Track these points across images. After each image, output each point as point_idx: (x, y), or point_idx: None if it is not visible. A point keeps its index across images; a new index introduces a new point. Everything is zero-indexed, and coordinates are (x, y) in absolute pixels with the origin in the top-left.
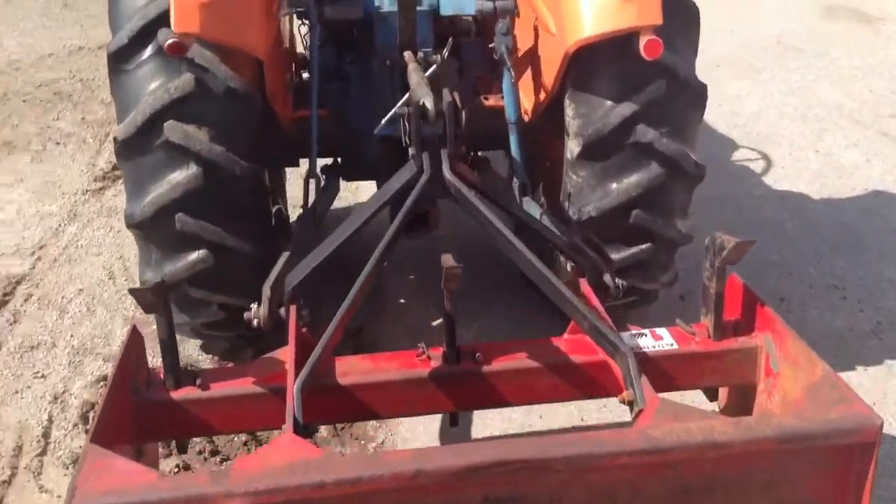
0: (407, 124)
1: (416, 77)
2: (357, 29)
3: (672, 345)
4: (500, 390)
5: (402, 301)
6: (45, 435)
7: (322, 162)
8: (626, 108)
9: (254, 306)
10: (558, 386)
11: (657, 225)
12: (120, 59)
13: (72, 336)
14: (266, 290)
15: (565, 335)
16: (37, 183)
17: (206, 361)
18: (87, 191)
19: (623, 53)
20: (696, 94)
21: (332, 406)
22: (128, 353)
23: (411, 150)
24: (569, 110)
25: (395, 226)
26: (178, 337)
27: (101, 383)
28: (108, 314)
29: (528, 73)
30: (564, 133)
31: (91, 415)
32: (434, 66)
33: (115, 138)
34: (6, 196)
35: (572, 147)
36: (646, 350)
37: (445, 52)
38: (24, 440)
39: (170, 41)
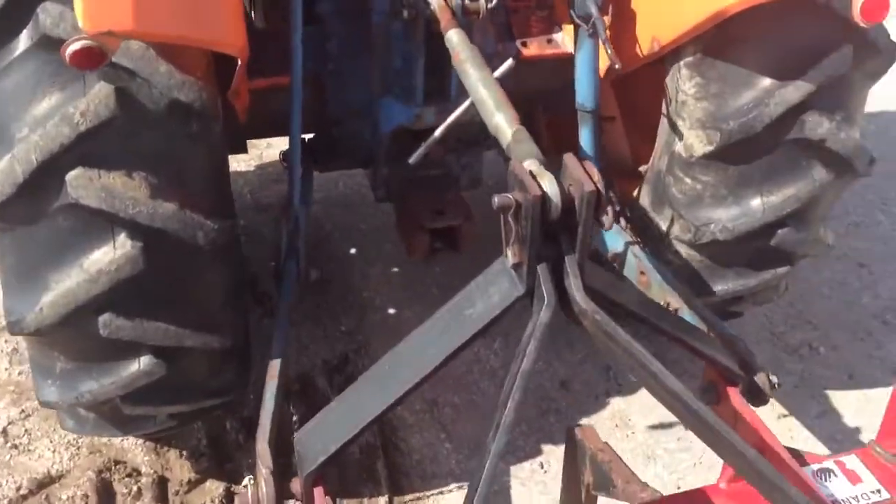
0: (511, 221)
1: (499, 120)
2: None
3: (878, 491)
4: None
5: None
6: None
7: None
8: (794, 92)
9: (247, 484)
10: None
11: (804, 244)
12: None
13: None
14: (263, 453)
15: (721, 484)
16: None
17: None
18: None
19: (794, 8)
20: (884, 59)
21: None
22: None
23: (511, 256)
24: (688, 85)
25: (514, 403)
26: None
27: None
28: None
29: (617, 22)
30: (670, 114)
31: None
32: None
33: None
34: None
35: (692, 141)
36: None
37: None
38: None
39: (78, 46)
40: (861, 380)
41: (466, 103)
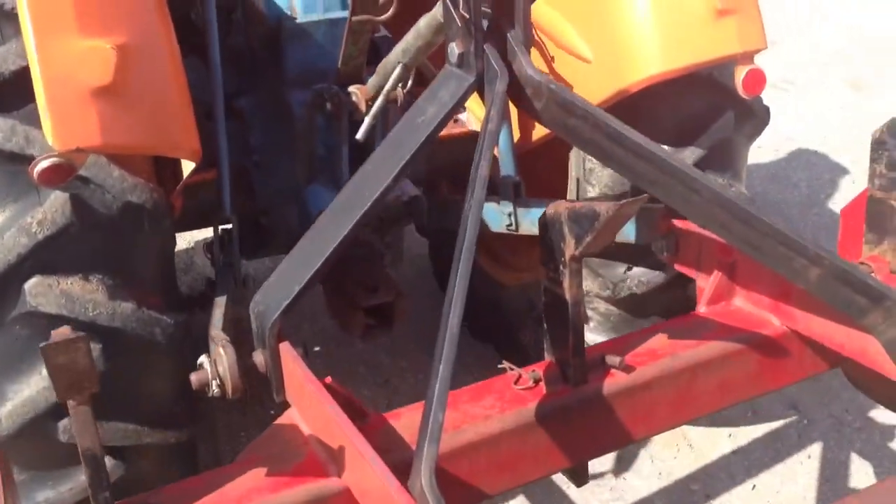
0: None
1: None
2: (256, 47)
3: None
4: (656, 410)
5: None
6: None
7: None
8: (690, 155)
9: (203, 361)
10: (734, 382)
11: None
12: None
13: None
14: (216, 335)
15: (703, 307)
16: None
17: None
18: None
19: (684, 83)
20: (759, 122)
21: None
22: None
23: (456, 47)
24: (588, 161)
25: (486, 161)
26: None
27: None
28: None
29: None
30: (579, 182)
31: None
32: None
33: None
34: None
35: None
36: None
37: (407, 85)
38: None
39: (47, 164)
40: (764, 415)
41: None
